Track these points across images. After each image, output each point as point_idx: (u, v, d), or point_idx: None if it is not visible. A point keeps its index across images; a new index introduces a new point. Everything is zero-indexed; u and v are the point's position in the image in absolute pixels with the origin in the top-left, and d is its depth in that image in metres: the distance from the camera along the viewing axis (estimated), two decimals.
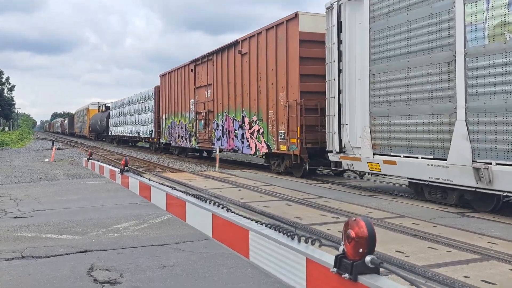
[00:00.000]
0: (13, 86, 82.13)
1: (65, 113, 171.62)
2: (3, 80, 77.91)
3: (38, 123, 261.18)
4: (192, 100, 19.08)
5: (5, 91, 76.95)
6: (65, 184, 11.52)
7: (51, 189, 10.60)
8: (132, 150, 30.95)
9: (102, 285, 4.04)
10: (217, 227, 2.79)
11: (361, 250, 1.58)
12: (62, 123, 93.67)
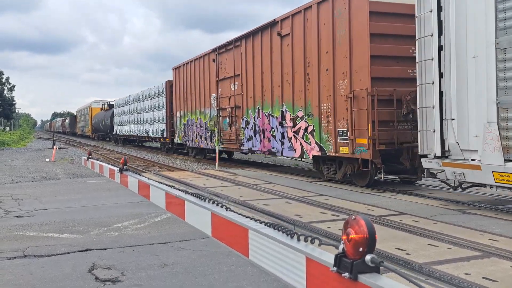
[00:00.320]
0: (13, 86, 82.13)
1: (65, 112, 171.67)
2: (3, 80, 77.90)
3: (39, 122, 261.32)
4: (213, 94, 16.51)
5: (5, 91, 76.94)
6: (66, 184, 11.53)
7: (52, 188, 10.62)
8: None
9: (104, 283, 4.05)
10: (216, 226, 2.79)
11: (361, 249, 1.58)
12: (63, 122, 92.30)
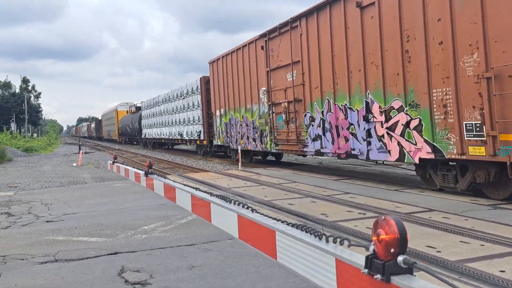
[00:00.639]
0: (39, 93, 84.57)
1: (90, 117, 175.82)
2: (30, 88, 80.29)
3: (65, 128, 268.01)
4: (263, 88, 14.30)
5: (32, 98, 79.23)
6: (93, 188, 11.76)
7: (79, 192, 10.85)
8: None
9: (133, 286, 4.10)
10: (243, 228, 2.78)
11: (392, 250, 1.54)
12: (89, 127, 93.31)
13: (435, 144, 7.87)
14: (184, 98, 24.45)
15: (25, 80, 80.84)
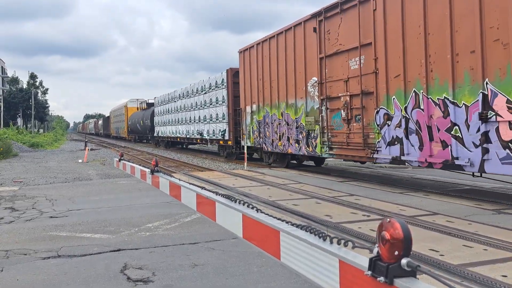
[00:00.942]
0: (46, 89, 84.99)
1: (97, 114, 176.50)
2: (37, 83, 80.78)
3: (71, 124, 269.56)
4: (313, 78, 11.76)
5: (39, 94, 79.69)
6: (98, 184, 11.82)
7: (84, 189, 10.91)
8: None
9: (136, 283, 4.12)
10: (247, 228, 2.78)
11: (396, 253, 1.54)
12: (96, 124, 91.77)
13: None
14: (205, 93, 21.69)
15: (32, 76, 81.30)
